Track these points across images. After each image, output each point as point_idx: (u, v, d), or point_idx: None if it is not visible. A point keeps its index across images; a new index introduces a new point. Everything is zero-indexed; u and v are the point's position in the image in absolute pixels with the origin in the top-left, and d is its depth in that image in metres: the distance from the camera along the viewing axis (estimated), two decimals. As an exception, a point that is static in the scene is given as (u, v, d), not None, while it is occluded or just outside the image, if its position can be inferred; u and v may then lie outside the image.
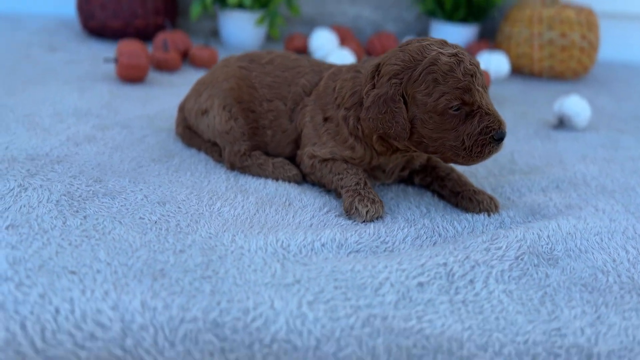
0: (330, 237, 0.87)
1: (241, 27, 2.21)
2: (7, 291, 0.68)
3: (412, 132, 0.96)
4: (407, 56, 0.95)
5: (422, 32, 2.54)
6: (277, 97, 1.12)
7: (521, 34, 2.19)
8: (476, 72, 0.93)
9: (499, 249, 0.85)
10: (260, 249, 0.83)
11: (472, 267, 0.81)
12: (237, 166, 1.11)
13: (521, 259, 0.85)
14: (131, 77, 1.64)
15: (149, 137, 1.25)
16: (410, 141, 0.97)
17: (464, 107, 0.93)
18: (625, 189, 1.16)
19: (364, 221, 0.95)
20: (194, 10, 2.11)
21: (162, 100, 1.52)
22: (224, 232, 0.87)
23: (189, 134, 1.21)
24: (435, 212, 1.01)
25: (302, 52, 2.18)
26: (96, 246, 0.80)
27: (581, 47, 2.16)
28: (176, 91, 1.58)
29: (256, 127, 1.13)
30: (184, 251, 0.81)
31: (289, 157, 1.14)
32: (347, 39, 2.27)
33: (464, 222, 0.98)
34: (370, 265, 0.79)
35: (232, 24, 2.23)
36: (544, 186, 1.16)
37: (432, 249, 0.85)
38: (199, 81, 1.21)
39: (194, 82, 1.26)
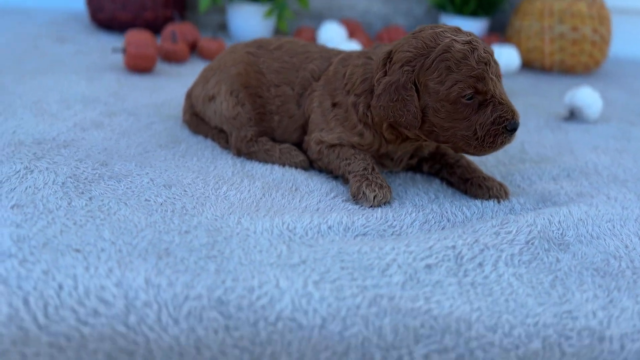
0: (337, 220, 0.86)
1: (249, 20, 2.21)
2: (11, 267, 0.67)
3: (424, 120, 0.94)
4: (420, 43, 0.93)
5: (431, 26, 2.53)
6: (285, 82, 1.11)
7: (532, 28, 2.17)
8: (490, 61, 0.92)
9: (509, 233, 0.84)
10: (266, 230, 0.82)
11: (481, 251, 0.80)
12: (243, 152, 1.10)
13: (531, 244, 0.83)
14: (139, 67, 1.64)
15: (156, 124, 1.24)
16: (421, 130, 0.95)
17: (477, 96, 0.91)
18: (637, 178, 1.14)
19: (372, 206, 0.93)
20: (203, 2, 2.10)
21: (169, 89, 1.52)
22: (230, 214, 0.86)
23: (196, 121, 1.21)
24: (444, 198, 0.99)
25: (310, 45, 2.17)
26: (101, 226, 0.79)
27: (592, 41, 2.13)
28: (184, 81, 1.57)
29: (263, 113, 1.12)
30: (189, 232, 0.80)
31: (296, 143, 1.12)
32: (356, 32, 2.25)
33: (473, 208, 0.96)
34: (377, 247, 0.78)
35: (240, 16, 2.22)
36: (554, 175, 1.14)
37: (440, 233, 0.84)
38: (207, 68, 1.21)
39: (201, 72, 1.25)
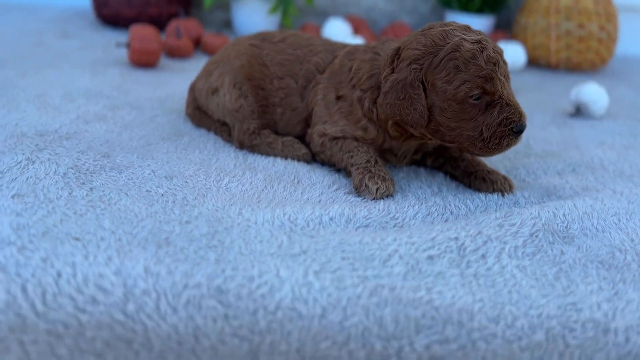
0: (338, 212, 0.85)
1: (254, 16, 2.20)
2: (10, 254, 0.67)
3: (430, 119, 0.93)
4: (429, 41, 0.92)
5: (436, 23, 2.51)
6: (289, 74, 1.10)
7: (537, 25, 2.15)
8: (499, 61, 0.91)
9: (513, 225, 0.83)
10: (267, 221, 0.81)
11: (485, 242, 0.79)
12: (246, 145, 1.10)
13: (535, 236, 0.82)
14: (143, 61, 1.63)
15: (158, 117, 1.24)
16: (426, 129, 0.95)
17: (485, 97, 0.91)
18: (644, 173, 1.13)
19: (374, 199, 0.93)
20: (207, -1, 2.10)
21: (173, 84, 1.52)
22: (231, 205, 0.86)
23: (199, 114, 1.20)
24: (447, 191, 0.98)
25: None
26: (101, 215, 0.79)
27: (599, 39, 2.11)
28: (188, 76, 1.57)
29: (266, 105, 1.11)
30: (190, 222, 0.80)
31: (299, 137, 1.12)
32: (360, 29, 2.24)
33: (477, 201, 0.95)
34: (379, 238, 0.77)
35: (244, 13, 2.22)
36: (560, 169, 1.13)
37: (443, 225, 0.83)
38: (210, 61, 1.20)
39: (205, 68, 1.25)
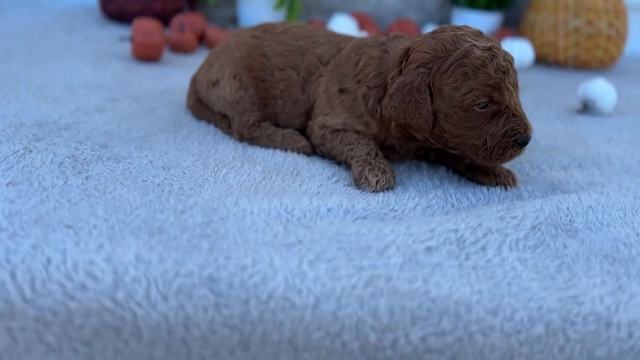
0: (336, 203, 0.83)
1: (260, 12, 2.19)
2: (0, 241, 0.66)
3: (434, 125, 0.92)
4: (439, 45, 0.90)
5: (444, 20, 2.49)
6: (290, 65, 1.09)
7: (546, 22, 2.13)
8: (509, 69, 0.89)
9: (515, 218, 0.81)
10: (263, 211, 0.80)
11: (485, 235, 0.77)
12: (246, 137, 1.08)
13: (538, 229, 0.80)
14: (146, 55, 1.63)
15: (159, 109, 1.23)
16: (430, 134, 0.93)
17: (492, 106, 0.89)
18: (651, 169, 1.11)
19: (374, 191, 0.91)
20: (212, -6, 2.09)
21: (175, 77, 1.51)
22: (228, 196, 0.84)
23: (200, 106, 1.19)
24: (449, 184, 0.97)
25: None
26: (95, 204, 0.78)
27: (608, 36, 2.08)
28: (190, 70, 1.55)
29: (266, 97, 1.10)
30: (184, 211, 0.78)
31: (299, 129, 1.10)
32: (366, 25, 2.23)
33: (479, 194, 0.93)
34: (376, 228, 0.75)
35: (250, 9, 2.21)
36: (565, 164, 1.11)
37: (443, 217, 0.81)
38: (212, 52, 1.19)
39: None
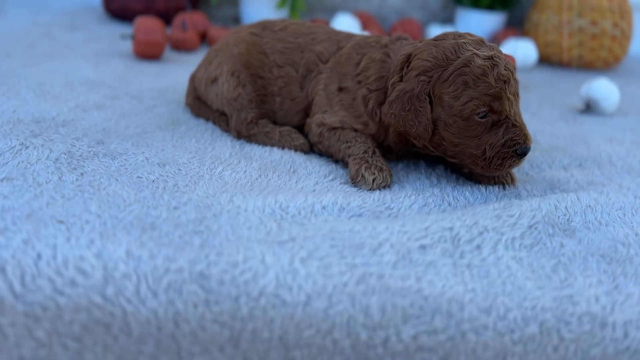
0: (331, 201, 0.83)
1: (262, 11, 2.19)
2: (-10, 235, 0.66)
3: (433, 133, 0.91)
4: (440, 53, 0.90)
5: (447, 20, 2.48)
6: (289, 63, 1.08)
7: (549, 22, 2.11)
8: (510, 79, 0.88)
9: (511, 216, 0.80)
10: (257, 208, 0.79)
11: (480, 233, 0.76)
12: (243, 134, 1.08)
13: (535, 228, 0.79)
14: (148, 53, 1.63)
15: (158, 107, 1.23)
16: (429, 142, 0.93)
17: (491, 115, 0.88)
18: (653, 169, 1.09)
19: (371, 189, 0.90)
20: (215, -7, 2.09)
21: (176, 75, 1.50)
22: (223, 193, 0.84)
23: (198, 104, 1.19)
24: (446, 183, 0.96)
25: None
26: (89, 200, 0.77)
27: (613, 36, 2.07)
28: (191, 69, 1.55)
29: (264, 95, 1.09)
30: (178, 208, 0.78)
31: (297, 127, 1.10)
32: (369, 25, 2.22)
33: (477, 193, 0.93)
34: (370, 226, 0.75)
35: (253, 8, 2.21)
36: (565, 164, 1.10)
37: (438, 215, 0.81)
38: (211, 49, 1.19)
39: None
